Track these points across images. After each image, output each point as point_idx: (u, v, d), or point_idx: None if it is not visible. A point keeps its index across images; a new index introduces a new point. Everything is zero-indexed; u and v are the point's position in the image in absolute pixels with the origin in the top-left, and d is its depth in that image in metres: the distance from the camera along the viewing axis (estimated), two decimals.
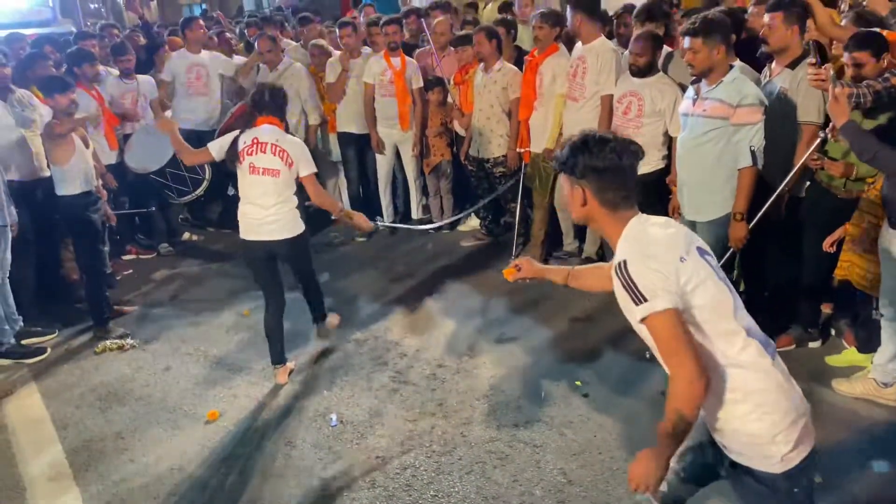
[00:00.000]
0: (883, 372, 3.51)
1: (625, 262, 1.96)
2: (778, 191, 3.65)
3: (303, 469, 3.51)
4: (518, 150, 5.50)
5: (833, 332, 4.13)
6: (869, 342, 3.77)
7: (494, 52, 5.49)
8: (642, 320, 1.94)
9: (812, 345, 4.07)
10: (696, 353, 1.93)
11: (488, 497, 3.17)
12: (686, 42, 3.56)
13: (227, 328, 5.04)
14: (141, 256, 6.43)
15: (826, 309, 4.22)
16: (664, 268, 1.92)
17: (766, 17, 3.80)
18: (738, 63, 3.70)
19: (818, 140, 3.60)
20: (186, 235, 6.82)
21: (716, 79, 3.56)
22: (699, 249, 2.05)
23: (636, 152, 2.04)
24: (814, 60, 3.50)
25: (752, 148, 3.53)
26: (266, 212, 4.00)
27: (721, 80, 3.56)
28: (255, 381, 4.31)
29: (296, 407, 4.01)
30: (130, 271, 6.15)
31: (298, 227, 4.12)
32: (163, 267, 6.27)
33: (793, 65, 3.82)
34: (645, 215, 2.07)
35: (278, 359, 4.25)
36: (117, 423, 4.00)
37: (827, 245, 3.68)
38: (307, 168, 4.02)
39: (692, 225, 3.85)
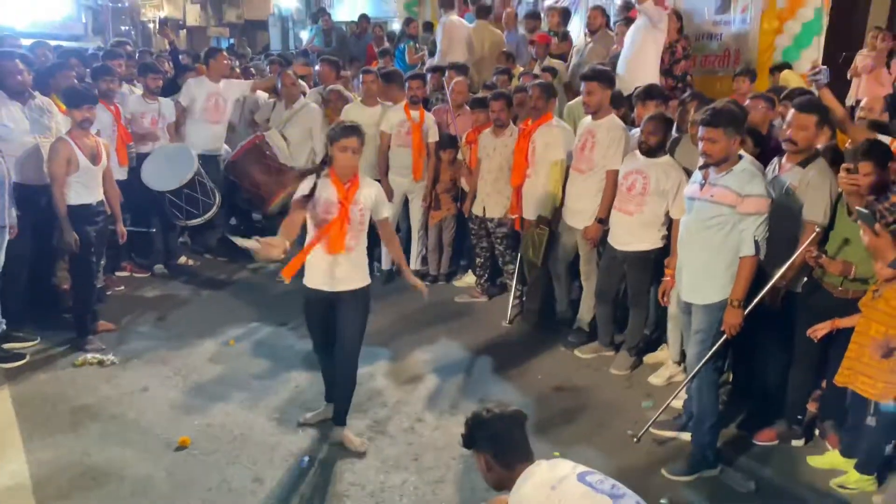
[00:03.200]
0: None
1: None
2: (772, 281, 3.66)
3: None
4: (510, 216, 5.55)
5: (817, 432, 4.09)
6: (852, 447, 3.73)
7: (510, 117, 5.63)
8: None
9: (795, 442, 4.03)
10: None
11: None
12: (703, 131, 3.59)
13: (210, 356, 4.99)
14: (135, 274, 6.42)
15: (812, 408, 4.20)
16: (536, 502, 2.31)
17: (798, 117, 3.79)
18: (746, 154, 3.76)
19: (812, 234, 3.63)
20: (183, 259, 6.81)
21: (726, 167, 3.60)
22: (579, 475, 2.38)
23: (521, 421, 2.53)
24: (851, 166, 3.54)
25: (756, 238, 3.56)
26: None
27: (731, 169, 3.59)
28: (230, 412, 4.24)
29: (268, 444, 3.94)
30: (122, 288, 6.13)
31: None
32: (155, 287, 6.25)
33: (804, 163, 3.88)
34: (531, 466, 2.43)
35: (341, 420, 3.99)
36: (86, 439, 3.92)
37: (811, 333, 3.68)
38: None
39: (688, 307, 3.87)
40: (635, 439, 3.97)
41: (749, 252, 3.57)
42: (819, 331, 3.69)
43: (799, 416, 4.08)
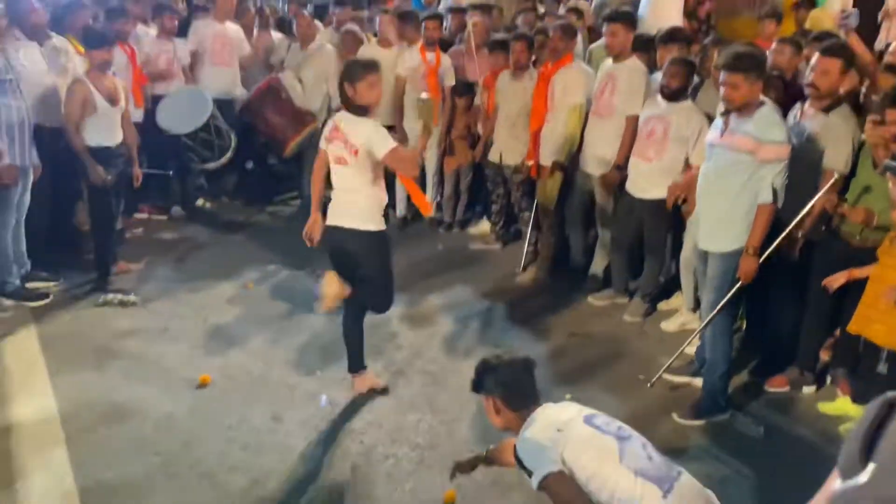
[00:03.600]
0: None
1: (514, 448, 2.47)
2: (788, 229, 3.62)
3: (286, 445, 3.53)
4: (526, 162, 5.51)
5: (829, 379, 4.12)
6: (863, 394, 3.76)
7: (530, 60, 5.52)
8: (539, 488, 2.32)
9: (806, 389, 4.07)
10: (587, 502, 2.27)
11: (467, 496, 3.18)
12: (724, 76, 3.52)
13: (228, 298, 5.06)
14: (152, 217, 6.47)
15: (824, 356, 4.22)
16: (543, 442, 2.36)
17: (822, 62, 3.71)
18: (767, 100, 3.68)
19: (832, 180, 3.58)
20: (200, 202, 6.85)
21: (747, 113, 3.55)
22: (586, 417, 2.44)
23: (530, 366, 2.59)
24: (878, 118, 3.44)
25: (775, 186, 3.52)
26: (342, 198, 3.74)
27: (752, 115, 3.54)
28: (249, 353, 4.33)
29: (287, 384, 4.03)
30: (140, 230, 6.19)
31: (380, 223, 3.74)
32: (173, 230, 6.31)
33: (827, 109, 3.81)
34: (539, 409, 2.50)
35: (355, 366, 3.94)
36: (109, 377, 4.03)
37: (827, 282, 3.67)
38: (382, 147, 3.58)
39: (704, 255, 3.87)
40: (649, 384, 4.03)
41: (766, 200, 3.54)
42: (834, 282, 3.69)
43: (811, 363, 4.11)
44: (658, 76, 4.95)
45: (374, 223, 3.70)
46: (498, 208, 5.99)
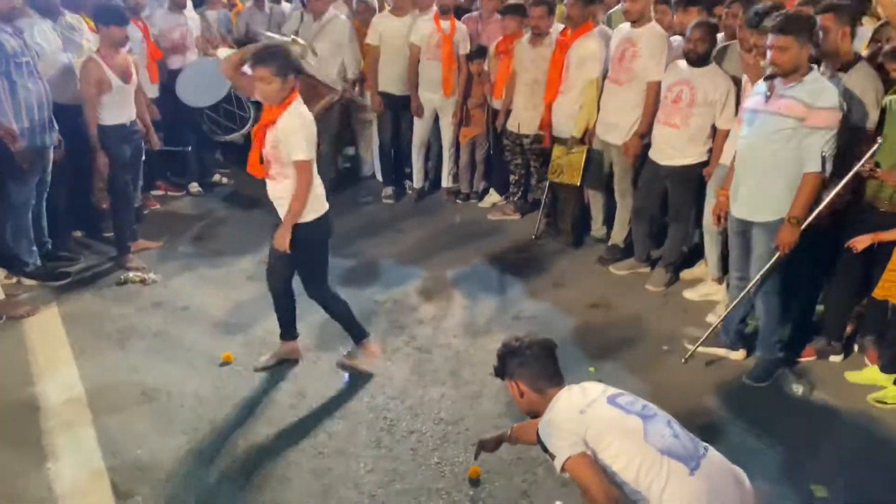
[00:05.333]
0: None
1: (537, 430, 2.46)
2: (831, 196, 3.52)
3: (310, 421, 3.55)
4: (539, 132, 5.40)
5: (856, 347, 4.07)
6: (892, 362, 3.71)
7: (550, 26, 5.38)
8: (561, 470, 2.32)
9: (833, 358, 4.01)
10: (608, 486, 2.26)
11: (491, 472, 3.19)
12: (772, 39, 3.36)
13: (248, 274, 5.06)
14: (170, 193, 6.46)
15: (850, 326, 4.15)
16: (565, 425, 2.36)
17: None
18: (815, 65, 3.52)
19: (876, 145, 3.46)
20: (217, 177, 6.83)
21: (796, 78, 3.40)
22: (609, 397, 2.42)
23: (552, 348, 2.59)
24: None
25: (824, 154, 3.39)
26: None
27: (802, 80, 3.39)
28: (271, 330, 4.30)
29: (309, 360, 4.04)
30: (157, 207, 6.19)
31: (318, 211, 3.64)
32: (190, 206, 6.31)
33: (845, 68, 3.69)
34: (562, 391, 2.49)
35: (357, 335, 3.91)
36: (133, 356, 4.05)
37: (852, 243, 3.60)
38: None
39: (741, 225, 3.77)
40: (683, 360, 3.98)
41: (815, 168, 3.41)
42: (860, 243, 3.60)
43: (838, 333, 4.05)
44: (677, 40, 4.84)
45: (313, 212, 3.61)
46: (516, 178, 5.92)
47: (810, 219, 3.53)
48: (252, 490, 3.11)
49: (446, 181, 6.43)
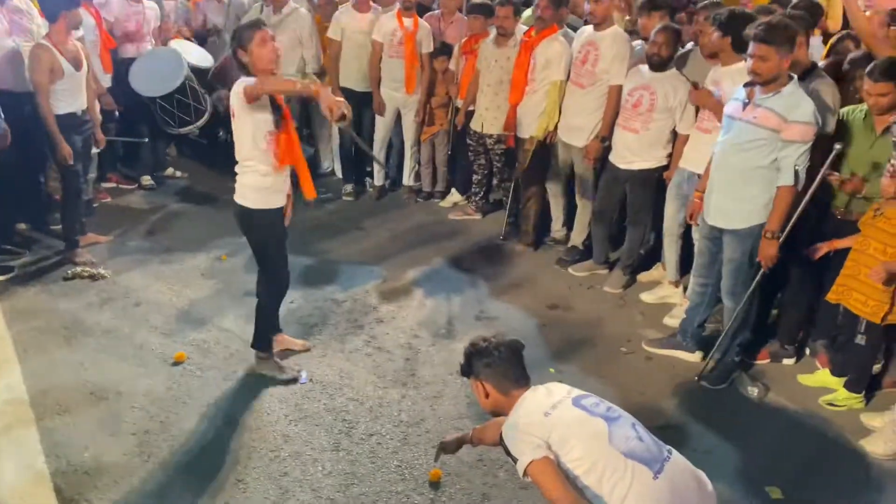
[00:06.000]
0: None
1: (501, 434, 2.43)
2: (802, 205, 3.55)
3: (266, 423, 3.46)
4: (503, 132, 5.40)
5: (808, 351, 4.16)
6: (843, 366, 3.80)
7: (515, 26, 5.36)
8: (524, 475, 2.28)
9: (787, 361, 4.10)
10: (569, 491, 2.22)
11: (452, 474, 3.15)
12: (753, 48, 3.37)
13: (202, 271, 4.94)
14: (121, 186, 6.26)
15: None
16: (528, 428, 2.32)
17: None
18: (795, 76, 3.54)
19: (835, 151, 3.50)
20: (171, 171, 6.64)
21: (774, 88, 3.42)
22: (574, 399, 2.41)
23: (518, 349, 2.56)
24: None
25: (797, 167, 3.42)
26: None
27: (779, 91, 3.41)
28: (225, 328, 4.23)
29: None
30: (108, 199, 5.99)
31: (243, 198, 3.53)
32: (143, 199, 6.12)
33: (803, 76, 3.75)
34: (528, 392, 2.47)
35: (253, 341, 3.79)
36: (81, 354, 3.91)
37: (810, 252, 3.69)
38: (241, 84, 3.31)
39: (711, 231, 3.79)
40: (695, 377, 3.96)
41: (788, 182, 3.44)
42: (817, 251, 3.69)
43: (791, 337, 4.14)
44: (639, 44, 4.88)
45: (251, 200, 3.51)
46: (479, 178, 5.89)
47: (787, 230, 3.56)
48: (205, 494, 3.02)
49: (408, 179, 6.38)
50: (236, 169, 3.54)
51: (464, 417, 3.54)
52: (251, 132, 3.39)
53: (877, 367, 3.86)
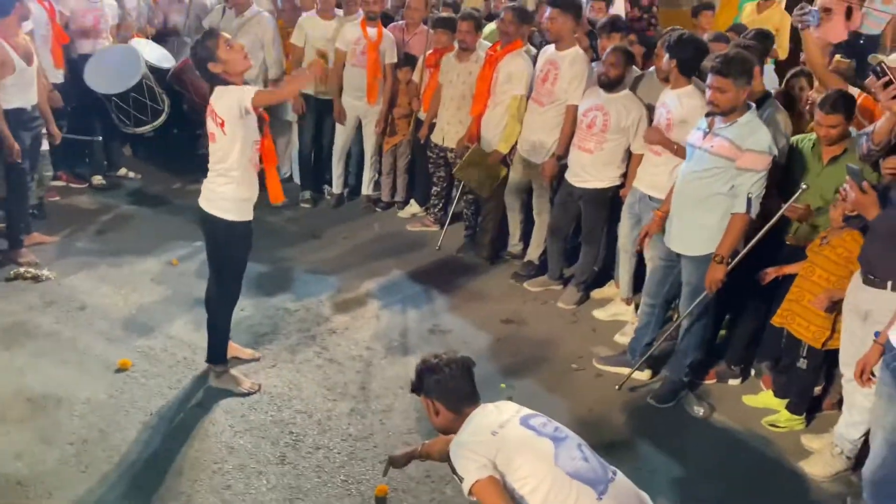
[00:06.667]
0: (845, 439, 3.44)
1: (447, 452, 2.43)
2: (758, 237, 3.62)
3: (211, 433, 3.40)
4: (466, 144, 5.42)
5: (753, 372, 4.24)
6: (785, 388, 3.88)
7: (476, 41, 5.39)
8: (469, 493, 2.29)
9: (732, 382, 4.17)
10: None
11: (399, 490, 3.13)
12: (712, 79, 3.44)
13: (152, 275, 4.83)
14: (71, 185, 6.11)
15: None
16: (475, 446, 2.33)
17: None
18: (753, 104, 3.62)
19: (797, 193, 3.55)
20: (123, 171, 6.49)
21: (732, 118, 3.49)
22: (522, 418, 2.42)
23: (469, 366, 2.56)
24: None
25: (750, 196, 3.49)
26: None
27: (736, 121, 3.49)
28: (173, 335, 4.14)
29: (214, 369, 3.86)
30: (57, 198, 5.83)
31: (222, 210, 3.47)
32: (93, 200, 5.97)
33: (758, 103, 3.84)
34: (477, 409, 2.48)
35: (208, 356, 3.73)
36: (20, 358, 3.79)
37: (760, 277, 3.77)
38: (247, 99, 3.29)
39: (670, 255, 3.86)
40: (617, 387, 4.01)
41: (741, 209, 3.51)
42: (766, 276, 3.78)
43: (738, 358, 4.22)
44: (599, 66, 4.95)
45: (231, 212, 3.47)
46: (438, 190, 5.89)
47: (737, 259, 3.63)
48: None
49: (367, 189, 6.35)
50: (211, 179, 3.47)
51: (413, 432, 3.52)
52: (241, 142, 3.36)
53: (818, 390, 3.96)
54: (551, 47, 4.98)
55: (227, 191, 3.44)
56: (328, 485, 3.14)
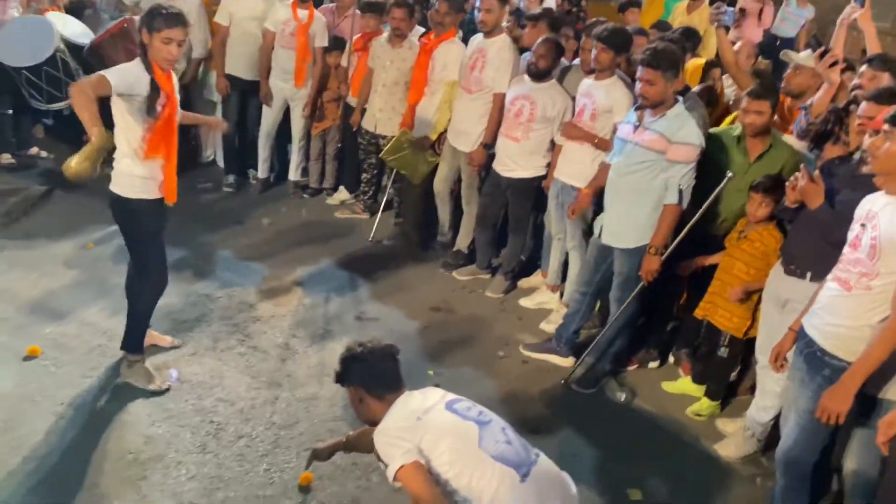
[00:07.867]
0: (757, 422, 3.57)
1: (373, 438, 2.42)
2: (688, 226, 3.70)
3: (127, 423, 3.28)
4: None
5: (672, 359, 4.38)
6: (703, 375, 4.02)
7: (410, 28, 5.36)
8: (394, 479, 2.30)
9: (651, 365, 4.30)
10: (438, 496, 2.26)
11: (324, 478, 3.09)
12: (641, 72, 3.50)
13: (65, 259, 4.62)
14: None
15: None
16: (399, 432, 2.34)
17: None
18: (681, 99, 3.69)
19: (724, 181, 3.63)
20: (35, 150, 6.16)
21: (661, 111, 3.56)
22: (447, 403, 2.44)
23: (393, 354, 2.55)
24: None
25: (681, 187, 3.57)
26: None
27: (665, 114, 3.56)
28: (87, 321, 3.97)
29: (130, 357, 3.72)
30: None
31: (120, 186, 3.37)
32: (1, 179, 5.64)
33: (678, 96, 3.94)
34: (402, 397, 2.48)
35: (124, 343, 3.58)
36: None
37: (680, 270, 3.89)
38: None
39: (607, 249, 3.92)
40: (562, 380, 4.04)
41: (672, 200, 3.59)
42: (685, 269, 3.91)
43: (656, 342, 4.35)
44: (526, 56, 4.99)
45: (122, 187, 3.37)
46: (369, 177, 5.83)
47: (670, 249, 3.71)
48: (52, 500, 2.81)
49: (294, 174, 6.22)
50: (115, 156, 3.34)
51: (339, 420, 3.48)
52: (122, 119, 3.29)
53: (733, 375, 4.12)
54: (480, 35, 4.99)
55: (123, 166, 3.33)
56: (250, 474, 3.07)
